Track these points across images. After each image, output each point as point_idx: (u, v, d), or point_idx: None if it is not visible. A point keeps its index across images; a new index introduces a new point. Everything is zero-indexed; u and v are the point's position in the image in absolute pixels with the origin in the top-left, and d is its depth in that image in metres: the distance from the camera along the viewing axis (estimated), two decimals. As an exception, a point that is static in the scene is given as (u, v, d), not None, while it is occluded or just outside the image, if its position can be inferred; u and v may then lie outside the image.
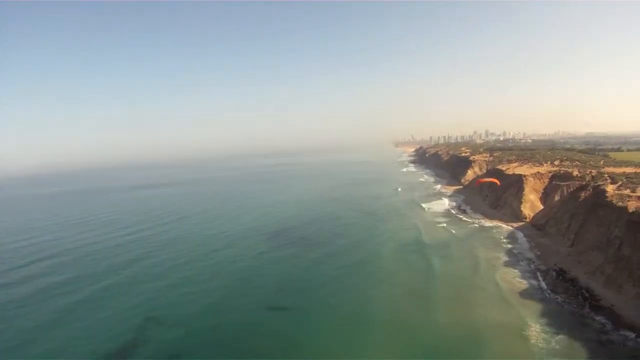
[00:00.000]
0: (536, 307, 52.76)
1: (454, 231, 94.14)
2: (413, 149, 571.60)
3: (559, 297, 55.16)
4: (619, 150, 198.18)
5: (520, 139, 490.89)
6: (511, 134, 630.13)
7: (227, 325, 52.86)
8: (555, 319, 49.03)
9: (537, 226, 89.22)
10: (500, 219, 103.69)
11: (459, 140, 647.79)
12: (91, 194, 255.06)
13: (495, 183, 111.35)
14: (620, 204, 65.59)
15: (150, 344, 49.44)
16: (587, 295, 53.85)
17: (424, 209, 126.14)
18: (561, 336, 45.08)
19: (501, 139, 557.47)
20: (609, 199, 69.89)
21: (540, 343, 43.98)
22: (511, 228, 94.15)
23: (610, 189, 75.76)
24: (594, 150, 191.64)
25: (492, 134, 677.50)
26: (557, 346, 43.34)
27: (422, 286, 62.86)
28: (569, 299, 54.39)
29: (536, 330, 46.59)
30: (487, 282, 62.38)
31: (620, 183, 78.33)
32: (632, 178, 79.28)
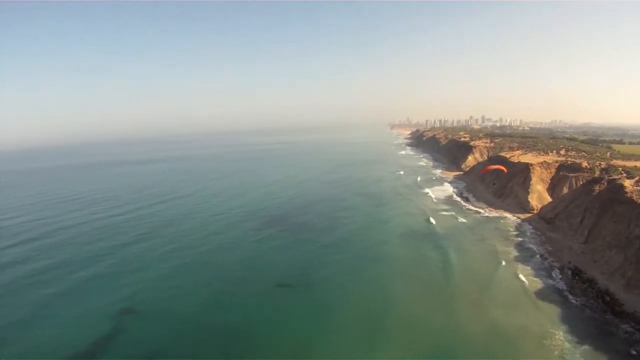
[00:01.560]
0: (556, 310, 49.40)
1: (463, 220, 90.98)
2: (409, 132, 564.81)
3: (578, 299, 51.81)
4: (621, 142, 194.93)
5: (517, 126, 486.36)
6: (508, 120, 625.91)
7: (223, 325, 48.03)
8: (578, 326, 45.73)
9: (546, 219, 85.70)
10: (505, 209, 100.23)
11: (455, 124, 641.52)
12: (81, 169, 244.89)
13: (503, 170, 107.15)
14: (641, 201, 61.86)
15: (129, 346, 44.51)
16: (608, 299, 50.51)
17: (427, 194, 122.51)
18: (586, 346, 41.72)
19: (497, 125, 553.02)
20: (628, 195, 66.02)
21: (565, 355, 40.51)
22: (518, 219, 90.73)
23: (628, 184, 71.92)
24: (597, 141, 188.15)
25: (488, 119, 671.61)
26: (583, 359, 39.98)
27: (439, 281, 59.67)
28: (588, 302, 51.12)
29: (559, 339, 43.11)
30: (503, 279, 59.05)
31: (637, 178, 74.48)
32: (650, 174, 75.43)
